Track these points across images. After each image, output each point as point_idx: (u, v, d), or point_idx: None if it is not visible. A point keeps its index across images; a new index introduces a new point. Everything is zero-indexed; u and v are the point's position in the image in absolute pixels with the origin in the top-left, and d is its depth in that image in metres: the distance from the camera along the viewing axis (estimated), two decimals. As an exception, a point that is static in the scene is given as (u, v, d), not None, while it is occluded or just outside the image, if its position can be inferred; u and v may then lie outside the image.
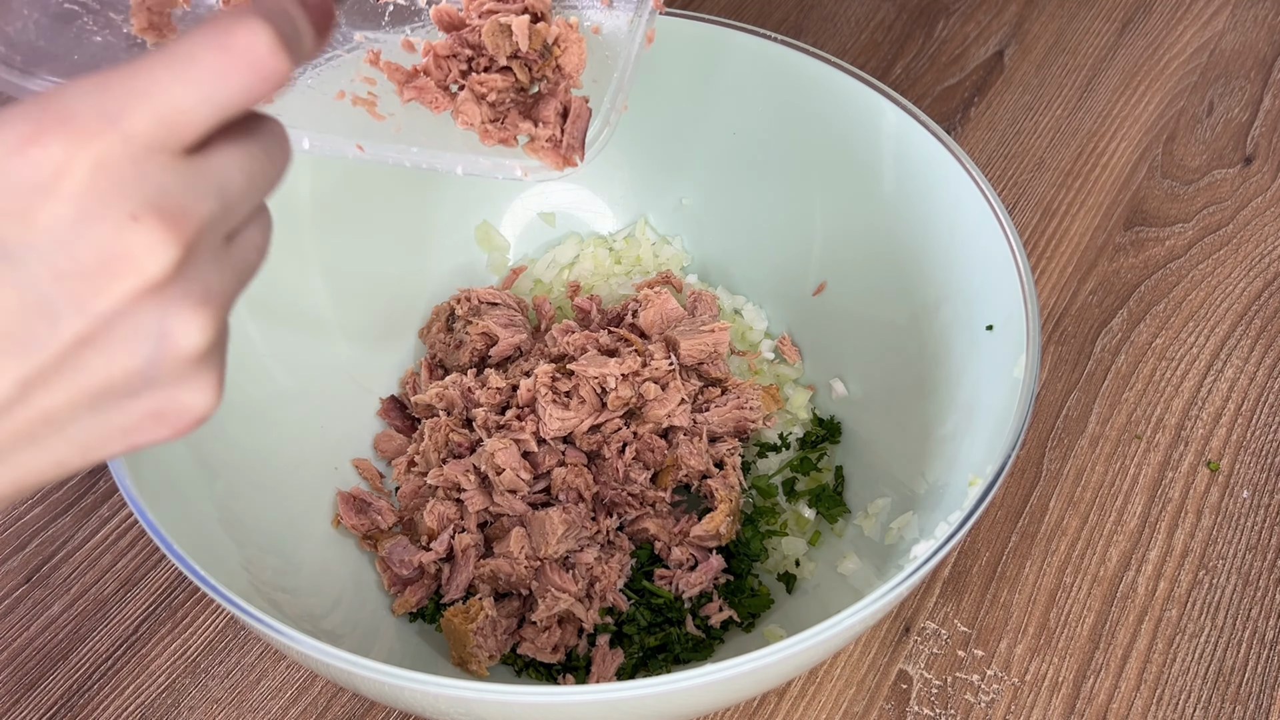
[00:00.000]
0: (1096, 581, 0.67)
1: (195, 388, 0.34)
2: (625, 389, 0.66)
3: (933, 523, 0.57)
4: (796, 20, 1.00)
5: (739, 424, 0.68)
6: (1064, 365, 0.77)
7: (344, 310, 0.72)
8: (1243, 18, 1.00)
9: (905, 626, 0.65)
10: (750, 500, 0.69)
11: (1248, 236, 0.84)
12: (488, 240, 0.78)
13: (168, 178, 0.32)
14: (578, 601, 0.62)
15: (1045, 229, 0.85)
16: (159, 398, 0.34)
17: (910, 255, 0.67)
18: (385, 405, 0.72)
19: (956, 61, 0.97)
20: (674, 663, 0.62)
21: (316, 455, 0.68)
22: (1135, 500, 0.70)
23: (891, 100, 0.67)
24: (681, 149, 0.76)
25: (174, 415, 0.35)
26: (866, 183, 0.69)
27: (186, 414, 0.35)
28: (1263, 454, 0.73)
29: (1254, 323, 0.79)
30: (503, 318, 0.71)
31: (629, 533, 0.66)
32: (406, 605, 0.63)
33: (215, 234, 0.33)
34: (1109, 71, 0.96)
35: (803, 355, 0.74)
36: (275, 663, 0.64)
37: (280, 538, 0.62)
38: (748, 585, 0.64)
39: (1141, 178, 0.88)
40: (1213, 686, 0.63)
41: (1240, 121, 0.92)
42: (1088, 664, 0.64)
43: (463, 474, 0.64)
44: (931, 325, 0.66)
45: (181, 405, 0.34)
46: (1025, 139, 0.91)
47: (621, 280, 0.77)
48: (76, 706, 0.63)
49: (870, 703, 0.63)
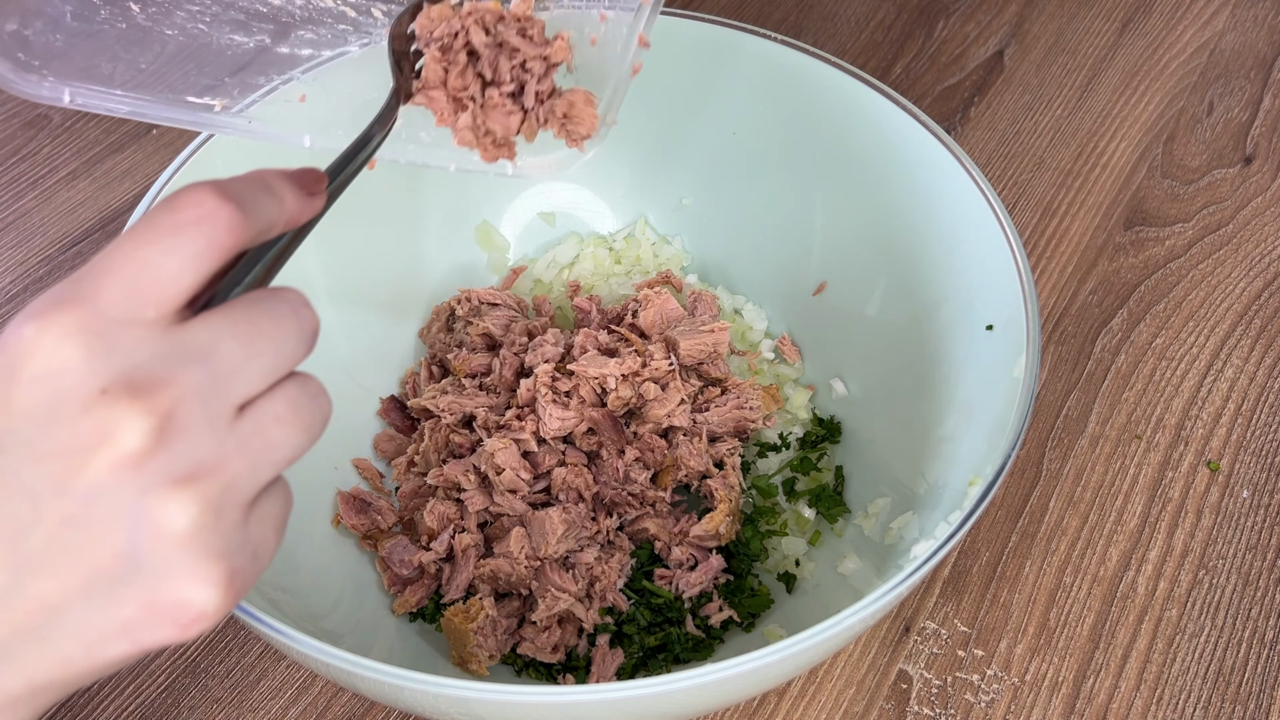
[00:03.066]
0: (1096, 581, 0.67)
1: (190, 578, 0.32)
2: (625, 389, 0.66)
3: (933, 523, 0.57)
4: (796, 20, 1.00)
5: (739, 424, 0.68)
6: (1064, 365, 0.77)
7: (344, 310, 0.72)
8: (1243, 18, 1.00)
9: (905, 626, 0.65)
10: (750, 500, 0.69)
11: (1248, 236, 0.84)
12: (488, 240, 0.78)
13: (141, 349, 0.31)
14: (578, 601, 0.62)
15: (1045, 229, 0.85)
16: (151, 587, 0.32)
17: (910, 255, 0.67)
18: (385, 405, 0.72)
19: (956, 61, 0.97)
20: (674, 663, 0.62)
21: (316, 455, 0.67)
22: (1135, 500, 0.70)
23: (891, 100, 0.67)
24: (682, 149, 0.76)
25: (171, 608, 0.32)
26: (866, 183, 0.69)
27: (185, 608, 0.32)
28: (1263, 454, 0.73)
29: (1254, 323, 0.79)
30: (503, 318, 0.71)
31: (629, 533, 0.66)
32: (406, 605, 0.63)
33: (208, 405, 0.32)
34: (1109, 71, 0.96)
35: (803, 355, 0.74)
36: (275, 663, 0.64)
37: (280, 538, 0.62)
38: (748, 585, 0.64)
39: (1141, 178, 0.88)
40: (1213, 686, 0.63)
41: (1240, 121, 0.92)
42: (1088, 664, 0.64)
43: (463, 474, 0.64)
44: (931, 325, 0.66)
45: (178, 597, 0.32)
46: (1025, 139, 0.91)
47: (621, 280, 0.77)
48: (76, 707, 0.63)
49: (870, 703, 0.63)
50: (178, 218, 0.32)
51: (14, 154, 0.89)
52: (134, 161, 0.88)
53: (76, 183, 0.87)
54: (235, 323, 0.33)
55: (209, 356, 0.32)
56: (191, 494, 0.31)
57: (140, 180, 0.87)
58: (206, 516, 0.32)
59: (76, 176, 0.87)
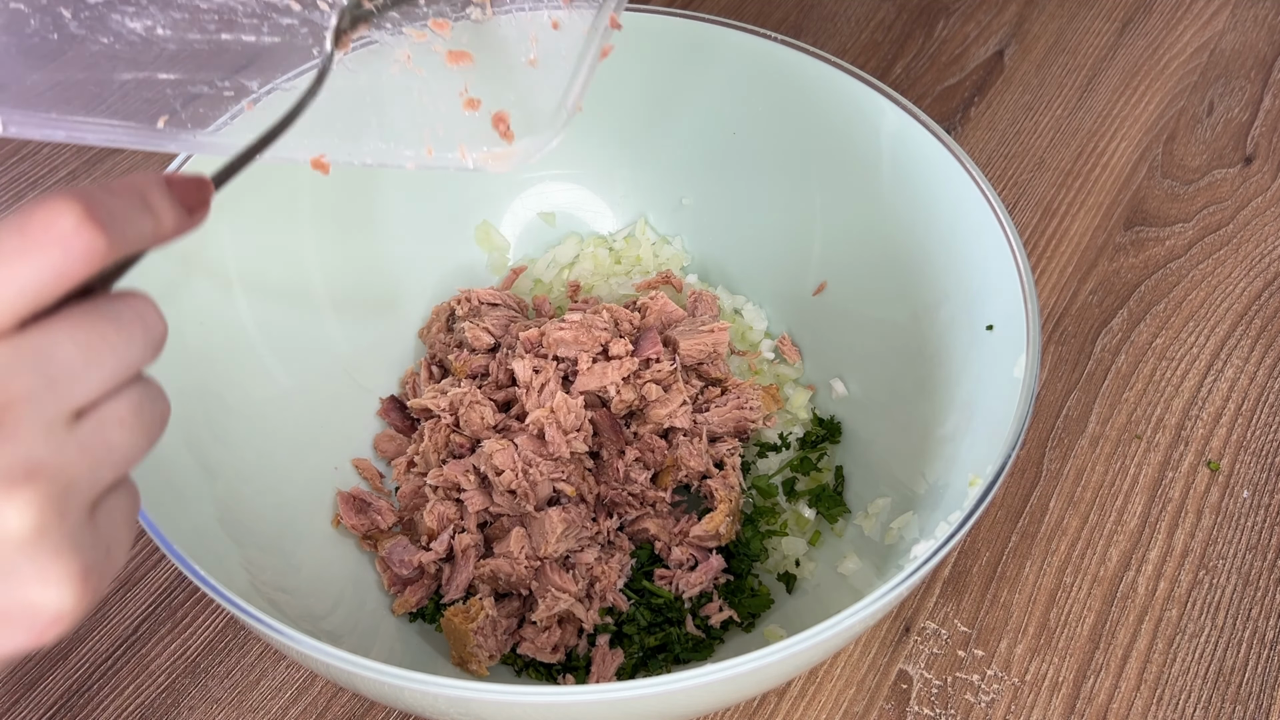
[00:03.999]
0: (1096, 581, 0.67)
1: (40, 580, 0.31)
2: (628, 391, 0.66)
3: (933, 523, 0.57)
4: (796, 20, 1.00)
5: (739, 424, 0.68)
6: (1064, 365, 0.77)
7: (344, 310, 0.72)
8: (1243, 18, 1.00)
9: (905, 626, 0.65)
10: (750, 500, 0.69)
11: (1248, 236, 0.84)
12: (488, 240, 0.78)
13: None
14: (578, 601, 0.61)
15: (1045, 229, 0.85)
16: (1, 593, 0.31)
17: (910, 255, 0.67)
18: (385, 405, 0.72)
19: (956, 61, 0.97)
20: (674, 663, 0.62)
21: (316, 455, 0.68)
22: (1135, 500, 0.70)
23: (891, 100, 0.67)
24: (681, 149, 0.76)
25: (23, 614, 0.31)
26: (867, 182, 0.69)
27: (39, 611, 0.31)
28: (1263, 454, 0.73)
29: (1254, 323, 0.79)
30: (503, 318, 0.71)
31: (629, 533, 0.66)
32: (406, 605, 0.63)
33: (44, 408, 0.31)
34: (1109, 71, 0.96)
35: (803, 355, 0.74)
36: (275, 663, 0.64)
37: (280, 538, 0.62)
38: (748, 585, 0.64)
39: (1141, 178, 0.88)
40: (1213, 686, 0.63)
41: (1240, 121, 0.92)
42: (1088, 664, 0.64)
43: (463, 474, 0.64)
44: (931, 325, 0.66)
45: (29, 602, 0.31)
46: (1025, 139, 0.91)
47: (621, 280, 0.77)
48: (76, 707, 0.63)
49: (870, 703, 0.63)
50: (26, 239, 0.31)
51: (14, 154, 0.89)
52: (134, 162, 0.88)
53: (76, 183, 0.87)
54: (76, 328, 0.32)
55: (46, 362, 0.31)
56: (30, 494, 0.30)
57: (140, 180, 0.87)
58: (49, 516, 0.31)
59: (76, 176, 0.87)
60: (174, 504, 0.54)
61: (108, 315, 0.33)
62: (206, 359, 0.62)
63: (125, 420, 0.33)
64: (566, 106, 0.46)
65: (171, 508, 0.53)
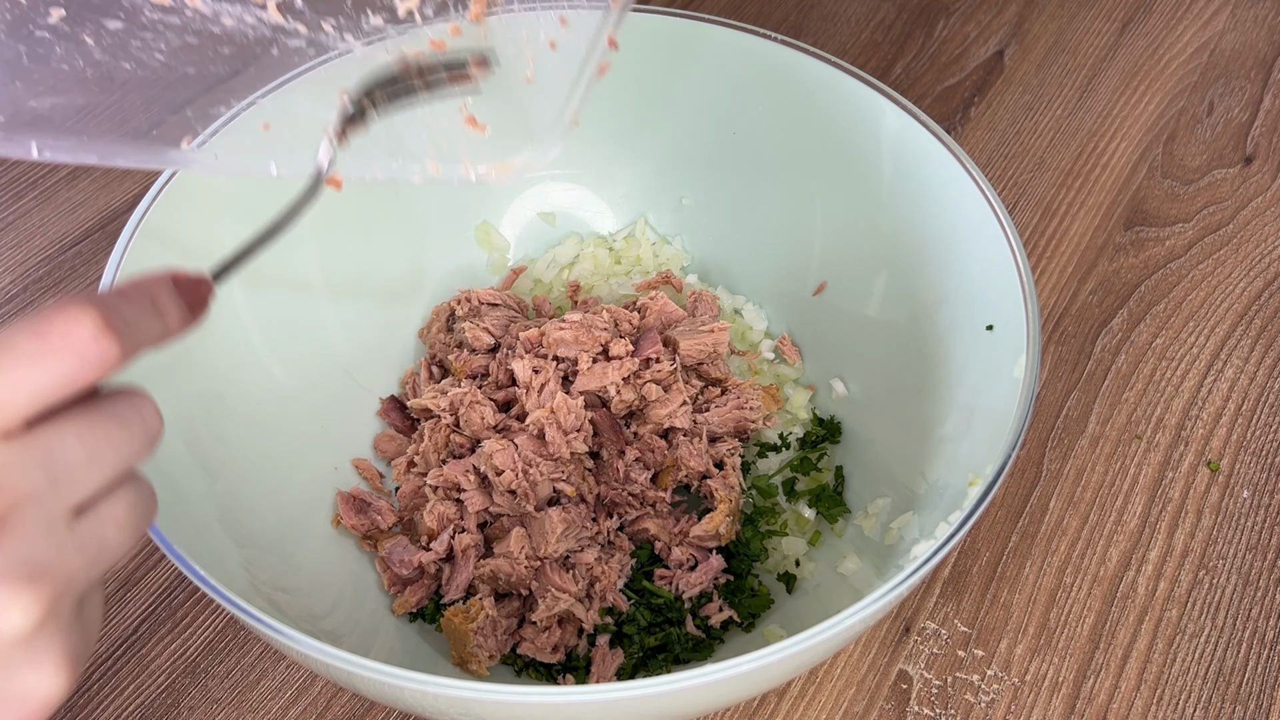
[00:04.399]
0: (1096, 581, 0.67)
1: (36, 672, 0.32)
2: (628, 391, 0.66)
3: (933, 523, 0.57)
4: (796, 20, 1.00)
5: (739, 424, 0.68)
6: (1064, 365, 0.77)
7: (344, 310, 0.72)
8: (1243, 18, 1.00)
9: (905, 626, 0.65)
10: (750, 500, 0.69)
11: (1248, 236, 0.84)
12: (488, 240, 0.78)
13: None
14: (578, 601, 0.61)
15: (1045, 229, 0.85)
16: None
17: (910, 255, 0.67)
18: (385, 405, 0.72)
19: (956, 61, 0.97)
20: (674, 663, 0.62)
21: (316, 455, 0.68)
22: (1135, 500, 0.70)
23: (891, 100, 0.67)
24: (682, 149, 0.76)
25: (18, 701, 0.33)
26: (867, 183, 0.69)
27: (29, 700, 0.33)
28: (1263, 454, 0.73)
29: (1254, 323, 0.79)
30: (502, 318, 0.71)
31: (629, 533, 0.66)
32: (406, 605, 0.63)
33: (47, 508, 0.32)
34: (1109, 71, 0.96)
35: (803, 355, 0.74)
36: (275, 663, 0.64)
37: (280, 538, 0.62)
38: (748, 585, 0.64)
39: (1141, 178, 0.88)
40: (1213, 686, 0.63)
41: (1240, 121, 0.92)
42: (1088, 664, 0.64)
43: (463, 474, 0.64)
44: (931, 325, 0.66)
45: (25, 690, 0.33)
46: (1025, 139, 0.91)
47: (621, 280, 0.77)
48: (76, 707, 0.63)
49: (870, 703, 0.63)
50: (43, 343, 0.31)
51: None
52: (134, 162, 0.88)
53: (76, 183, 0.87)
54: (81, 428, 0.33)
55: (52, 461, 0.32)
56: (33, 595, 0.31)
57: (140, 181, 0.87)
58: (48, 614, 0.32)
59: (76, 176, 0.87)
60: (174, 504, 0.54)
61: (111, 415, 0.34)
62: (207, 359, 0.62)
63: (120, 520, 0.35)
64: (564, 120, 0.47)
65: (171, 508, 0.53)
